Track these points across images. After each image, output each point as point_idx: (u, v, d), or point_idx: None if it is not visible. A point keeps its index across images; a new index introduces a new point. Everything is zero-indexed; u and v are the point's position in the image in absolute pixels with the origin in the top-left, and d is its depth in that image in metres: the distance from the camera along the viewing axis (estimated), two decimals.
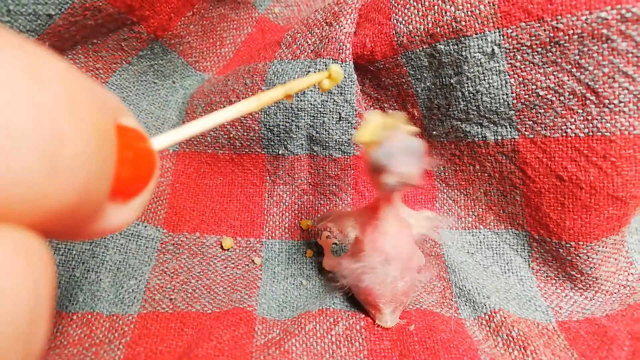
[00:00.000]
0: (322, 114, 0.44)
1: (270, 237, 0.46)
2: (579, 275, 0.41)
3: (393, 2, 0.41)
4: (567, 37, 0.35)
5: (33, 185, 0.12)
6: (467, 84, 0.40)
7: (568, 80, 0.36)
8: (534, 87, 0.37)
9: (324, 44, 0.44)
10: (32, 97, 0.12)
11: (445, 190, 0.47)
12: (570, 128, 0.37)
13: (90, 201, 0.14)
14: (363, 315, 0.38)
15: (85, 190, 0.13)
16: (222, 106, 0.47)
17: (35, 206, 0.12)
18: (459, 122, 0.42)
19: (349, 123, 0.44)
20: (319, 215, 0.39)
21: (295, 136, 0.45)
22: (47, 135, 0.12)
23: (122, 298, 0.39)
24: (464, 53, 0.38)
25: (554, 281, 0.42)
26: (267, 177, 0.48)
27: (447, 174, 0.46)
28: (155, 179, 0.18)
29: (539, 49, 0.36)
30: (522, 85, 0.38)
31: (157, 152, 0.19)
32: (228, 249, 0.45)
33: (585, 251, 0.40)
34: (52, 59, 0.13)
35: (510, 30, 0.36)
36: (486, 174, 0.43)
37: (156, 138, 0.20)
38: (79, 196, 0.13)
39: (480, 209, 0.45)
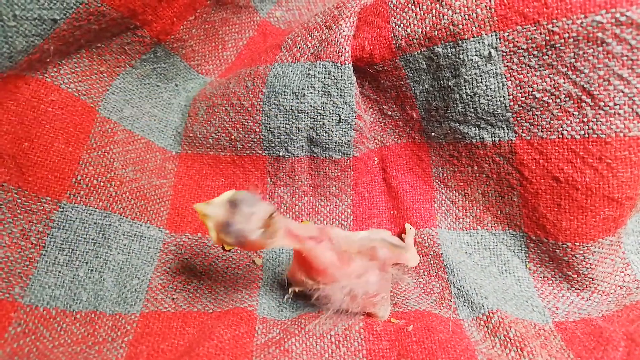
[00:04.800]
0: (322, 116, 0.45)
1: None
2: (576, 276, 0.41)
3: (391, 5, 0.42)
4: (562, 41, 0.35)
5: None
6: (464, 86, 0.40)
7: (564, 83, 0.37)
8: (531, 89, 0.38)
9: (324, 47, 0.44)
10: None
11: (443, 191, 0.47)
12: (567, 130, 0.38)
13: None
14: (362, 317, 0.39)
15: None
16: (223, 109, 0.47)
17: None
18: (457, 124, 0.43)
19: (348, 125, 0.45)
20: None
21: (295, 138, 0.46)
22: None
23: (124, 297, 0.39)
24: (461, 56, 0.39)
25: (550, 281, 0.43)
26: (268, 179, 0.48)
27: (445, 175, 0.47)
28: None
29: (535, 52, 0.37)
30: (518, 88, 0.38)
31: None
32: (229, 250, 0.45)
33: (581, 252, 0.40)
34: None
35: (507, 34, 0.37)
36: (484, 175, 0.44)
37: None
38: None
39: (478, 210, 0.45)
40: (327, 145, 0.46)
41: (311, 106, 0.45)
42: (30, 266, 0.37)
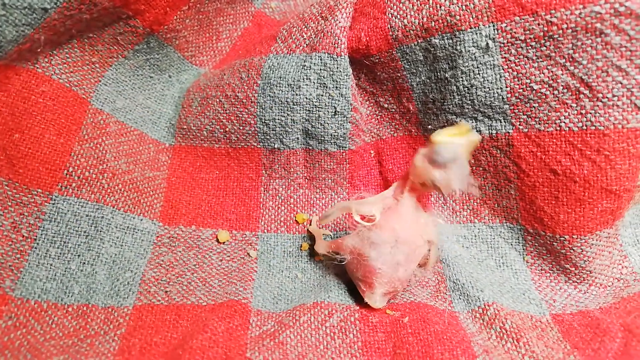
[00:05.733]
0: (317, 108, 0.44)
1: (265, 231, 0.46)
2: (573, 269, 0.41)
3: None
4: (561, 31, 0.35)
5: None
6: (461, 78, 0.40)
7: (562, 74, 0.36)
8: (528, 81, 0.38)
9: (320, 38, 0.44)
10: None
11: None
12: (564, 122, 0.38)
13: None
14: (358, 308, 0.39)
15: None
16: (218, 100, 0.47)
17: None
18: (454, 116, 0.42)
19: (344, 117, 0.45)
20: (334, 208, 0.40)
21: (291, 130, 0.46)
22: None
23: (117, 290, 0.39)
24: (458, 47, 0.39)
25: (548, 274, 0.42)
26: (263, 171, 0.48)
27: None
28: None
29: (533, 43, 0.36)
30: (516, 80, 0.38)
31: None
32: (224, 242, 0.45)
33: (579, 244, 0.40)
34: None
35: (505, 25, 0.36)
36: (481, 168, 0.43)
37: None
38: None
39: (475, 203, 0.45)
40: (322, 138, 0.46)
41: (307, 98, 0.44)
42: (21, 259, 0.37)
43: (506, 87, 0.39)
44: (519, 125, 0.39)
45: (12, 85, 0.38)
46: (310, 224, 0.46)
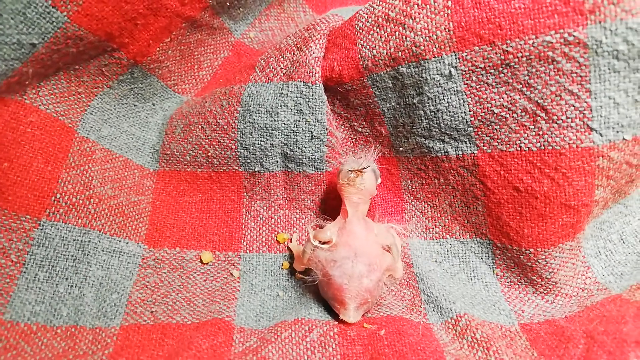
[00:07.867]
0: (295, 133, 0.47)
1: (247, 251, 0.48)
2: (540, 280, 0.43)
3: (358, 28, 0.44)
4: (516, 60, 0.38)
5: None
6: (428, 103, 0.42)
7: (519, 99, 0.39)
8: (489, 105, 0.40)
9: (296, 67, 0.46)
10: None
11: (413, 203, 0.49)
12: (524, 142, 0.40)
13: None
14: (336, 323, 0.40)
15: None
16: (200, 127, 0.49)
17: None
18: (423, 139, 0.45)
19: (320, 141, 0.47)
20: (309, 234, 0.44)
21: (270, 154, 0.48)
22: None
23: (104, 312, 0.40)
24: (424, 75, 0.41)
25: (517, 286, 0.45)
26: (245, 194, 0.50)
27: (414, 187, 0.49)
28: None
29: (492, 71, 0.39)
30: (478, 104, 0.41)
31: None
32: (207, 263, 0.46)
33: (543, 257, 0.43)
34: None
35: (465, 54, 0.39)
36: (450, 187, 0.46)
37: None
38: None
39: (446, 220, 0.48)
40: (300, 161, 0.48)
41: (285, 124, 0.47)
42: (10, 283, 0.38)
43: (469, 111, 0.41)
44: (483, 146, 0.42)
45: (1, 116, 0.40)
46: (291, 242, 0.48)
